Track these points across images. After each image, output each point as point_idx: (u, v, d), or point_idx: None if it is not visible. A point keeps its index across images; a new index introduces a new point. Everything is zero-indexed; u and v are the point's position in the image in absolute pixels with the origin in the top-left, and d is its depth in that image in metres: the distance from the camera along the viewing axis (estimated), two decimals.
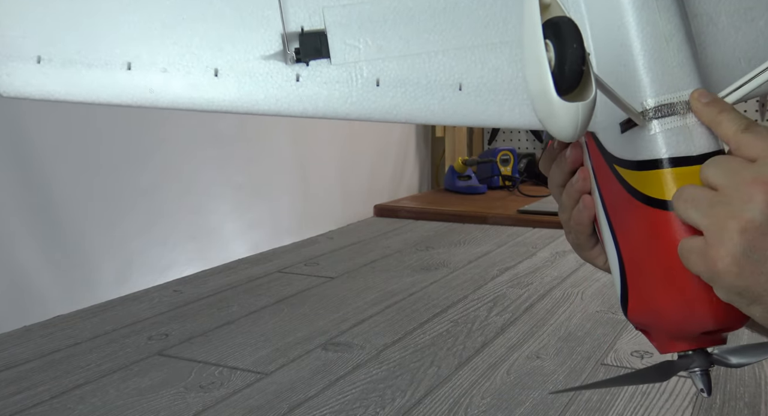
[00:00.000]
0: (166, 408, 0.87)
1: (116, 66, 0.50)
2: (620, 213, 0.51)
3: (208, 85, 0.51)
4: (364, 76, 0.51)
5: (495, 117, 0.52)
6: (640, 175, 0.48)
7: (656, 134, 0.47)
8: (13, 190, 1.21)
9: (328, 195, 2.02)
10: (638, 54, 0.48)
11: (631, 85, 0.49)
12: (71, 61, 0.50)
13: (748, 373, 0.93)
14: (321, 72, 0.51)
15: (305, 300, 1.30)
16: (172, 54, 0.51)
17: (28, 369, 1.01)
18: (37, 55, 0.49)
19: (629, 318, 0.53)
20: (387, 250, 1.69)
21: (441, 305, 1.25)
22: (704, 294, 0.46)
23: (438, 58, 0.52)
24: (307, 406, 0.87)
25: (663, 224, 0.48)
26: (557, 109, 0.40)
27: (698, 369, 0.50)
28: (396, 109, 0.52)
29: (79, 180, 1.32)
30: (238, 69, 0.51)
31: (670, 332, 0.51)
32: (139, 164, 1.45)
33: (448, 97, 0.52)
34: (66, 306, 1.27)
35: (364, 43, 0.51)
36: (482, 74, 0.52)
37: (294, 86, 0.51)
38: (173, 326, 1.17)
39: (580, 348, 1.03)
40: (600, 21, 0.50)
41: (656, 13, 0.48)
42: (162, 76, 0.51)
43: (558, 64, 0.41)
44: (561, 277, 1.41)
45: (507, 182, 2.38)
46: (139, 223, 1.44)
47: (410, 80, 0.52)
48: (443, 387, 0.92)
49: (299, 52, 0.51)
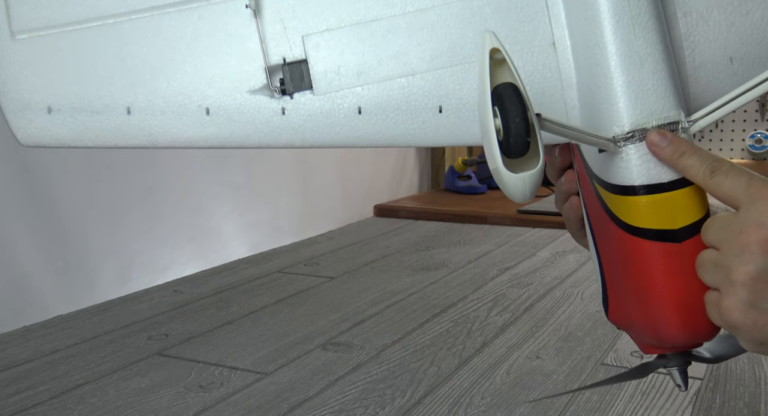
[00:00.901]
0: (166, 408, 0.87)
1: (117, 110, 0.53)
2: (600, 228, 0.52)
3: (201, 123, 0.53)
4: (345, 107, 0.53)
5: (477, 136, 0.52)
6: (616, 199, 0.48)
7: (628, 160, 0.47)
8: (13, 190, 1.21)
9: (328, 195, 2.02)
10: (613, 75, 0.47)
11: (606, 106, 0.48)
12: (77, 109, 0.53)
13: (748, 373, 0.93)
14: (305, 104, 0.53)
15: (305, 300, 1.30)
16: (166, 95, 0.53)
17: (27, 369, 1.01)
18: (47, 105, 0.53)
19: (609, 320, 0.54)
20: (387, 250, 1.69)
21: (441, 305, 1.25)
22: (672, 318, 0.47)
23: (417, 81, 0.52)
24: (307, 406, 0.87)
25: (635, 251, 0.48)
26: (504, 177, 0.41)
27: (675, 367, 0.52)
28: (378, 135, 0.53)
29: (79, 180, 1.32)
30: (228, 106, 0.53)
31: (645, 341, 0.52)
32: (140, 164, 1.45)
33: (429, 120, 0.52)
34: (66, 306, 1.27)
35: (345, 71, 0.52)
36: (461, 95, 0.52)
37: (281, 119, 0.53)
38: (173, 326, 1.17)
39: (580, 348, 1.03)
40: (579, 36, 0.50)
41: (632, 31, 0.47)
42: (160, 118, 0.53)
43: (504, 135, 0.41)
44: (561, 277, 1.41)
45: None
46: (140, 224, 1.44)
47: (390, 106, 0.52)
48: (443, 387, 0.92)
49: (283, 83, 0.52)
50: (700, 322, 0.46)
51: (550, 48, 0.51)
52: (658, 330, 0.48)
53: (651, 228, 0.46)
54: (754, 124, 2.37)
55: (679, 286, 0.46)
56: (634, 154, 0.47)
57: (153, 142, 0.53)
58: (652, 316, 0.48)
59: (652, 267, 0.47)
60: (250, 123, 0.53)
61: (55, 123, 0.53)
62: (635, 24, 0.47)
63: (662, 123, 0.47)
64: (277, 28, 0.52)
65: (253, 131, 0.53)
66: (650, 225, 0.47)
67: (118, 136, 0.53)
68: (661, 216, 0.46)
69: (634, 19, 0.47)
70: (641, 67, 0.47)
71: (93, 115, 0.53)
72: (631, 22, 0.47)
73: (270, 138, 0.53)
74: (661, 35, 0.48)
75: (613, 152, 0.47)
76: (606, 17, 0.47)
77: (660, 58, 0.47)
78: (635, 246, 0.47)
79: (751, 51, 0.51)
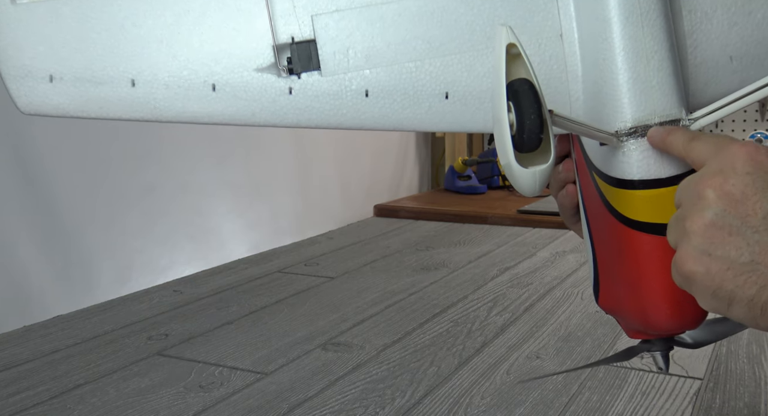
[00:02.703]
0: (166, 408, 0.87)
1: (121, 82, 0.52)
2: (596, 217, 0.53)
3: (206, 99, 0.53)
4: (353, 89, 0.52)
5: (481, 123, 0.53)
6: (615, 191, 0.49)
7: (630, 155, 0.48)
8: (13, 190, 1.21)
9: (328, 195, 2.02)
10: (619, 70, 0.48)
11: (611, 101, 0.49)
12: (80, 79, 0.52)
13: (748, 373, 0.93)
14: (312, 84, 0.53)
15: (305, 300, 1.30)
16: (172, 69, 0.52)
17: (27, 369, 1.01)
18: (49, 74, 0.52)
19: (599, 305, 0.56)
20: (387, 250, 1.69)
21: (441, 305, 1.25)
22: (660, 305, 0.49)
23: (425, 66, 0.52)
24: (307, 406, 0.87)
25: (631, 242, 0.49)
26: (516, 172, 0.42)
27: (658, 352, 0.54)
28: (384, 118, 0.53)
29: (79, 180, 1.32)
30: (234, 83, 0.52)
31: (632, 328, 0.54)
32: (139, 164, 1.45)
33: (435, 106, 0.53)
34: (66, 306, 1.27)
35: (353, 54, 0.52)
36: (468, 82, 0.52)
37: (287, 99, 0.53)
38: (173, 326, 1.17)
39: (580, 348, 1.03)
40: (587, 29, 0.50)
41: (640, 28, 0.48)
42: (164, 92, 0.52)
43: (518, 130, 0.42)
44: (561, 277, 1.41)
45: (507, 182, 2.38)
46: (139, 223, 1.44)
47: (398, 90, 0.52)
48: (443, 387, 0.92)
49: (291, 62, 0.52)
50: (688, 312, 0.48)
51: (557, 39, 0.51)
52: (648, 317, 0.50)
53: (647, 221, 0.48)
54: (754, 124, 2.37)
55: (670, 278, 0.47)
56: (635, 149, 0.48)
57: (157, 115, 0.53)
58: (643, 304, 0.50)
59: (645, 258, 0.48)
60: (257, 101, 0.53)
61: (57, 92, 0.52)
62: (644, 21, 0.48)
63: (664, 120, 0.48)
64: (287, 6, 0.52)
65: (259, 109, 0.53)
66: (647, 218, 0.48)
67: (121, 108, 0.53)
68: (657, 210, 0.47)
69: (643, 17, 0.48)
70: (647, 64, 0.48)
71: (96, 86, 0.52)
72: (640, 19, 0.48)
73: (276, 117, 0.53)
74: (668, 33, 0.48)
75: (615, 146, 0.48)
76: (615, 13, 0.48)
77: (666, 56, 0.48)
78: (631, 238, 0.49)
79: (751, 50, 0.51)
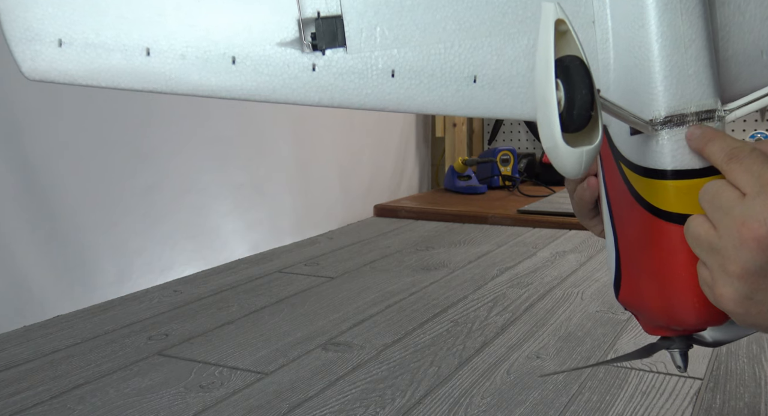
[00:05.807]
0: (166, 408, 0.87)
1: (135, 51, 0.49)
2: (622, 209, 0.52)
3: (226, 72, 0.50)
4: (379, 68, 0.51)
5: (508, 109, 0.51)
6: (644, 182, 0.48)
7: (663, 145, 0.47)
8: (12, 190, 1.21)
9: (328, 195, 2.02)
10: (655, 58, 0.47)
11: (645, 89, 0.48)
12: (91, 45, 0.49)
13: (748, 373, 0.93)
14: (337, 62, 0.50)
15: (305, 300, 1.30)
16: (189, 39, 0.50)
17: (27, 369, 1.01)
18: (58, 38, 0.49)
19: (619, 301, 0.55)
20: (387, 250, 1.69)
21: (441, 305, 1.25)
22: (688, 299, 0.48)
23: (454, 48, 0.51)
24: (307, 406, 0.87)
25: (660, 234, 0.48)
26: (562, 152, 0.40)
27: (678, 350, 0.53)
28: (410, 100, 0.51)
29: (79, 180, 1.32)
30: (255, 57, 0.50)
31: (654, 323, 0.53)
32: (139, 164, 1.45)
33: (463, 90, 0.51)
34: (66, 306, 1.27)
35: (381, 32, 0.50)
36: (498, 66, 0.51)
37: (310, 76, 0.51)
38: (173, 326, 1.17)
39: (580, 348, 1.03)
40: (622, 17, 0.49)
41: (679, 16, 0.47)
42: (180, 63, 0.50)
43: (567, 107, 0.40)
44: (561, 277, 1.41)
45: (507, 182, 2.38)
46: (139, 223, 1.44)
47: (425, 71, 0.51)
48: (443, 387, 0.92)
49: (315, 38, 0.50)
50: (716, 307, 0.47)
51: (590, 26, 0.50)
52: (674, 311, 0.49)
53: (678, 212, 0.47)
54: (754, 124, 2.37)
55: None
56: (669, 138, 0.47)
57: (172, 87, 0.50)
58: (670, 298, 0.49)
59: (674, 250, 0.47)
60: (278, 76, 0.50)
61: (66, 57, 0.49)
62: (682, 8, 0.47)
63: (700, 109, 0.47)
64: None
65: (281, 86, 0.50)
66: (678, 209, 0.47)
67: (133, 77, 0.49)
68: (689, 201, 0.47)
69: (681, 3, 0.47)
70: (685, 52, 0.47)
71: (109, 53, 0.49)
72: (678, 5, 0.47)
73: (297, 94, 0.51)
74: (706, 22, 0.48)
75: (648, 135, 0.47)
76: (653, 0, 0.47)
77: (703, 45, 0.47)
78: (660, 229, 0.48)
79: None
